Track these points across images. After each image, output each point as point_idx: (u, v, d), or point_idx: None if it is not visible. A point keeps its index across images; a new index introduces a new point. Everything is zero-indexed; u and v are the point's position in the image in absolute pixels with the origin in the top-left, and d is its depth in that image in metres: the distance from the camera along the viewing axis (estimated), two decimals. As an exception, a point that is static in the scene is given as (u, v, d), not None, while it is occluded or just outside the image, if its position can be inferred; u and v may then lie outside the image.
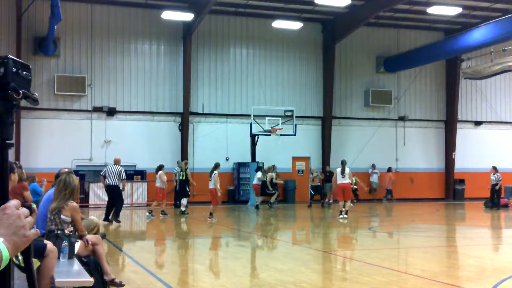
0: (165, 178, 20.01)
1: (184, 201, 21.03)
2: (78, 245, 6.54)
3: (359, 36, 28.77)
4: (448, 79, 30.72)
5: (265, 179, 23.62)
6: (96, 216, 8.87)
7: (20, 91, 1.83)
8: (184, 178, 21.02)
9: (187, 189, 21.08)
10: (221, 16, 27.21)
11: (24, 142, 24.19)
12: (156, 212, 20.05)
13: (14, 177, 6.72)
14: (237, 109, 27.47)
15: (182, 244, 13.65)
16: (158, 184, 20.13)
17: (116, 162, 17.87)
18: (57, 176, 7.60)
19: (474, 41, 23.85)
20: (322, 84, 28.79)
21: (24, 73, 1.87)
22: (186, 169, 21.21)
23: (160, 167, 20.22)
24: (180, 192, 21.43)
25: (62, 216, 6.45)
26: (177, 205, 22.50)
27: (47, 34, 23.01)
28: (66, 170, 7.69)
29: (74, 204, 6.56)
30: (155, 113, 26.48)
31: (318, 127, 28.81)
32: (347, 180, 18.66)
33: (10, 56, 1.84)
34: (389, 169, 28.55)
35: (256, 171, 24.20)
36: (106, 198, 24.85)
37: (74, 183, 6.59)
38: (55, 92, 24.66)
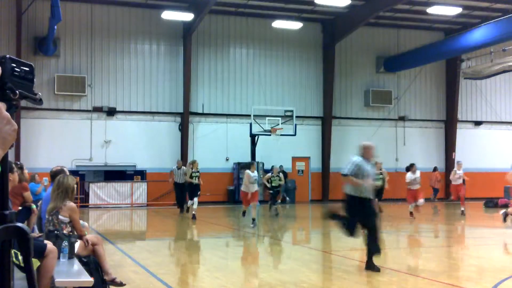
0: (246, 180, 16.84)
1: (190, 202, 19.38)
2: (77, 245, 6.53)
3: (359, 36, 28.78)
4: (448, 79, 30.72)
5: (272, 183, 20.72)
6: (95, 216, 8.87)
7: (17, 91, 1.82)
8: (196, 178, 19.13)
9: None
10: (221, 16, 27.21)
11: (24, 142, 24.19)
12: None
13: (13, 177, 6.73)
14: (237, 109, 27.47)
15: (182, 244, 13.65)
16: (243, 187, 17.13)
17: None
18: (51, 175, 7.57)
19: (474, 41, 23.85)
20: (322, 84, 28.80)
21: (24, 73, 1.86)
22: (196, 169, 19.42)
23: (249, 166, 17.53)
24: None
25: (60, 217, 6.44)
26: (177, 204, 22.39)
27: (47, 34, 23.03)
28: (59, 168, 7.64)
29: (71, 204, 6.54)
30: (155, 113, 26.48)
31: (318, 127, 28.82)
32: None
33: (8, 55, 1.83)
34: (435, 169, 28.18)
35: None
36: (106, 199, 25.06)
37: (67, 183, 6.55)
38: (55, 92, 24.67)
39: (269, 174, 20.75)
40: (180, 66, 26.61)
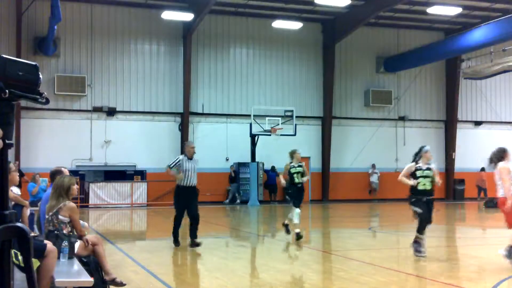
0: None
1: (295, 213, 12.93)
2: (77, 245, 6.53)
3: (359, 36, 28.78)
4: (448, 79, 30.72)
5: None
6: (95, 216, 8.89)
7: (6, 91, 1.80)
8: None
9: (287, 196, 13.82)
10: (221, 16, 27.21)
11: (24, 142, 24.19)
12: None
13: (11, 177, 6.73)
14: (237, 109, 27.48)
15: (182, 244, 13.64)
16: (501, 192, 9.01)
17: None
18: (50, 175, 7.59)
19: (474, 41, 23.85)
20: (322, 84, 28.80)
21: (21, 72, 1.84)
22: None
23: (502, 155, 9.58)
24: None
25: (60, 217, 6.44)
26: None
27: (47, 34, 23.03)
28: (57, 168, 7.64)
29: (71, 204, 6.54)
30: (155, 113, 26.48)
31: (318, 127, 28.82)
32: None
33: (3, 55, 1.81)
34: (483, 169, 27.90)
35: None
36: (106, 199, 25.04)
37: (63, 182, 6.55)
38: (55, 92, 24.67)
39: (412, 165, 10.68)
40: (180, 66, 26.61)
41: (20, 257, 4.22)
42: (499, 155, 9.29)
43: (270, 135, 25.87)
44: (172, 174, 11.52)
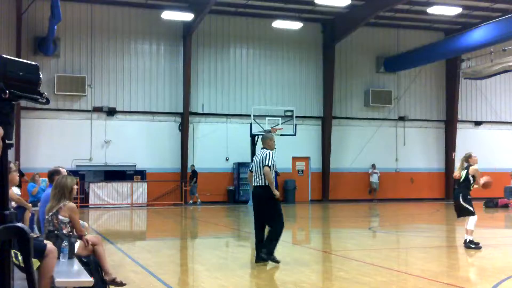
0: None
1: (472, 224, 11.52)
2: (77, 245, 6.53)
3: (359, 36, 28.78)
4: (448, 79, 30.72)
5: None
6: (95, 216, 8.90)
7: (7, 91, 1.80)
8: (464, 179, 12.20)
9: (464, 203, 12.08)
10: (221, 16, 27.22)
11: (24, 142, 24.19)
12: None
13: (11, 177, 6.73)
14: (237, 109, 27.48)
15: (182, 244, 13.65)
16: None
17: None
18: (48, 175, 7.57)
19: (474, 41, 23.86)
20: (322, 84, 28.80)
21: (22, 72, 1.84)
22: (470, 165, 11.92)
23: None
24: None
25: (60, 217, 6.44)
26: None
27: (47, 34, 23.04)
28: (55, 169, 7.63)
29: (71, 204, 6.54)
30: (155, 113, 26.48)
31: (318, 127, 28.82)
32: None
33: (3, 56, 1.81)
34: None
35: None
36: (106, 199, 25.05)
37: (64, 183, 6.55)
38: (55, 92, 24.67)
39: None
40: (180, 66, 26.61)
41: (20, 257, 4.22)
42: None
43: (270, 135, 25.83)
44: (272, 178, 9.28)
